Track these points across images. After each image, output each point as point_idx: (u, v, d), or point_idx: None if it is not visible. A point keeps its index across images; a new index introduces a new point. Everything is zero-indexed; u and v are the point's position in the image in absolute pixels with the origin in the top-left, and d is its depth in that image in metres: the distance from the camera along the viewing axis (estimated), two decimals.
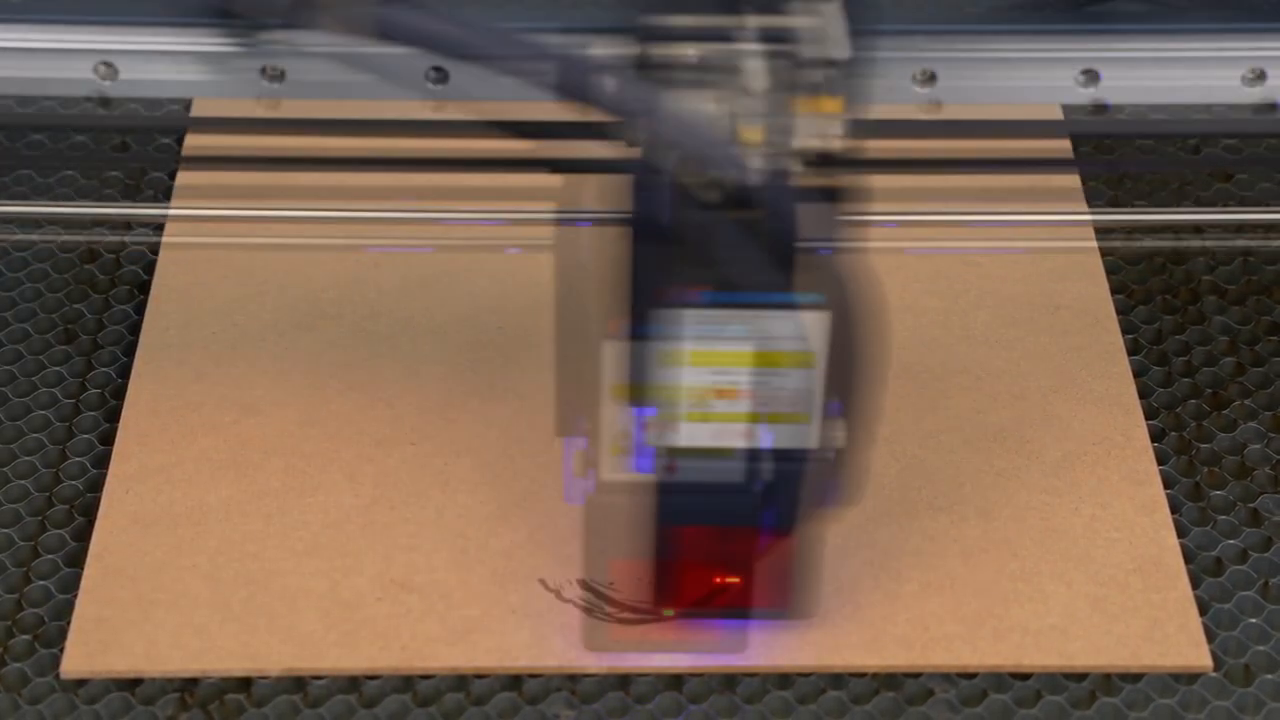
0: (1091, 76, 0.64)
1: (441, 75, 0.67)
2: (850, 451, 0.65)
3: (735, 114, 0.59)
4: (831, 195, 0.59)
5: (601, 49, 0.60)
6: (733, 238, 0.59)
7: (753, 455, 0.65)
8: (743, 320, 0.61)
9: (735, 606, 0.70)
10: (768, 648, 0.71)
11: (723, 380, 0.63)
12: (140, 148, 0.92)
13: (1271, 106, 0.72)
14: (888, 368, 0.62)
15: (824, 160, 0.58)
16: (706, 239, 0.59)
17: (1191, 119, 0.87)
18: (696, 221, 0.59)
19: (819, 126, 0.58)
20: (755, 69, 0.60)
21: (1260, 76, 0.64)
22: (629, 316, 0.62)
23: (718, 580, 0.69)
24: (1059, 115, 0.89)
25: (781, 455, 0.65)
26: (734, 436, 0.64)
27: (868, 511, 0.75)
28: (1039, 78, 0.64)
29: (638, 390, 0.63)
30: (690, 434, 0.64)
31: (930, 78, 0.64)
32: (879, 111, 0.65)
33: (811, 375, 0.63)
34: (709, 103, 0.59)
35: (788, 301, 0.61)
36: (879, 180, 0.62)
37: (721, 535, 0.67)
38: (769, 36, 0.61)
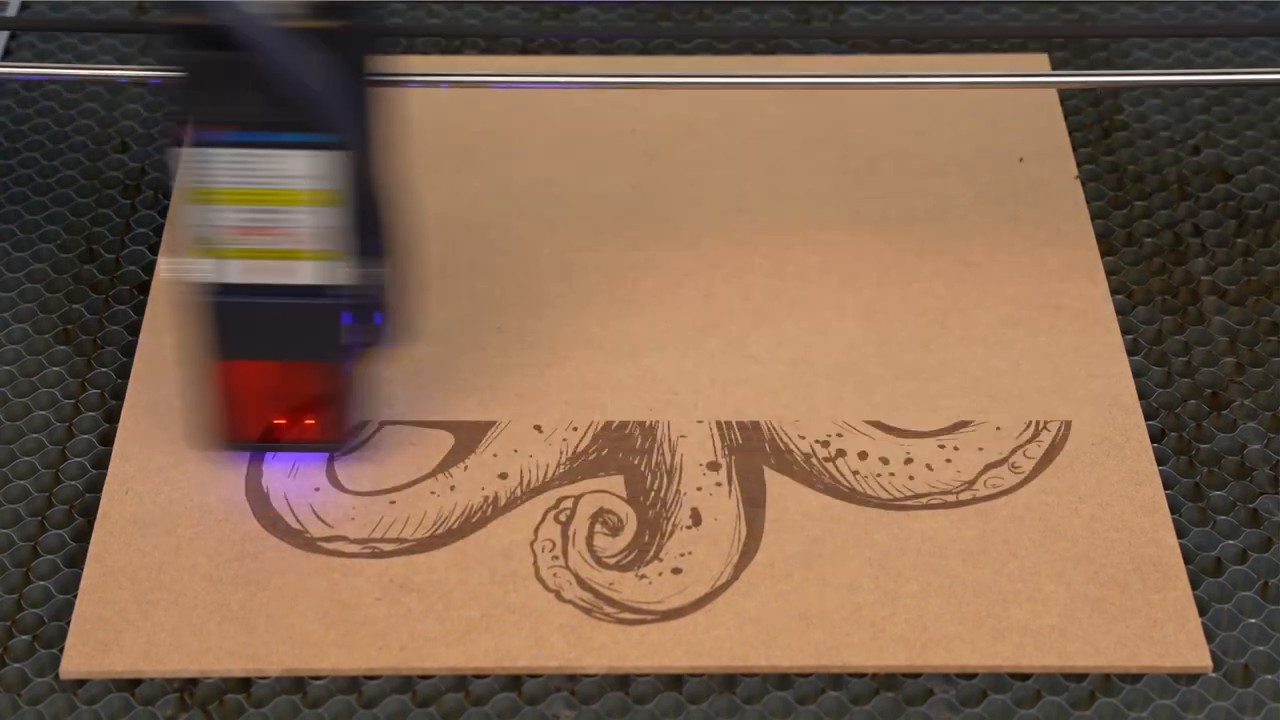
0: None
1: None
2: (393, 290, 0.71)
3: None
4: (336, 37, 0.65)
5: None
6: (247, 78, 0.65)
7: (293, 291, 0.71)
8: (266, 159, 0.67)
9: (293, 440, 0.75)
10: (767, 648, 0.71)
11: (254, 218, 0.69)
12: (140, 148, 0.92)
13: None
14: (414, 211, 0.69)
15: (330, 5, 0.65)
16: (222, 79, 0.65)
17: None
18: (209, 61, 0.65)
19: None
20: None
21: None
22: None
23: (277, 416, 0.74)
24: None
25: (319, 292, 0.71)
26: (271, 273, 0.70)
27: (868, 512, 0.75)
28: None
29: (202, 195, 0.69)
30: (228, 270, 0.70)
31: None
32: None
33: (338, 213, 0.69)
34: None
35: (307, 141, 0.67)
36: None
37: (279, 370, 0.73)
38: None
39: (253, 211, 0.69)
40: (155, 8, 1.00)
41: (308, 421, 0.75)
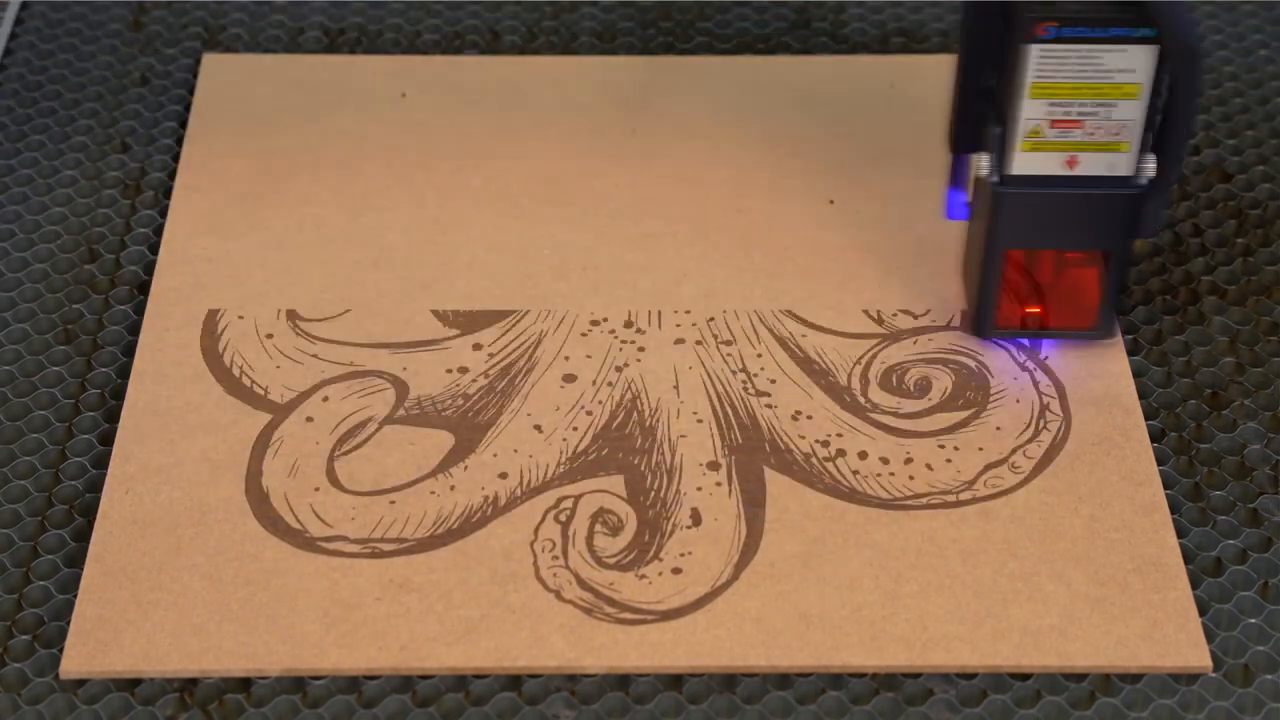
0: None
1: None
2: (1159, 184, 0.76)
3: None
4: None
5: None
6: None
7: (1079, 181, 0.76)
8: (1086, 54, 0.73)
9: (1059, 327, 0.81)
10: (767, 648, 0.71)
11: (1058, 111, 0.74)
12: (140, 148, 0.92)
13: None
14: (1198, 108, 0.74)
15: None
16: None
17: None
18: None
19: None
20: None
21: None
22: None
23: (1041, 305, 0.80)
24: None
25: (1101, 182, 0.76)
26: (1058, 165, 0.76)
27: (868, 511, 0.75)
28: None
29: (1050, 90, 0.74)
30: (1023, 163, 0.76)
31: None
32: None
33: (1137, 106, 0.74)
34: None
35: (1128, 35, 0.72)
36: None
37: (1054, 259, 0.79)
38: None
39: (1063, 105, 0.74)
40: (156, 8, 1.00)
41: (1068, 310, 0.80)
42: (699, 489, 0.76)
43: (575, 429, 0.79)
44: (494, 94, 0.95)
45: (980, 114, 0.78)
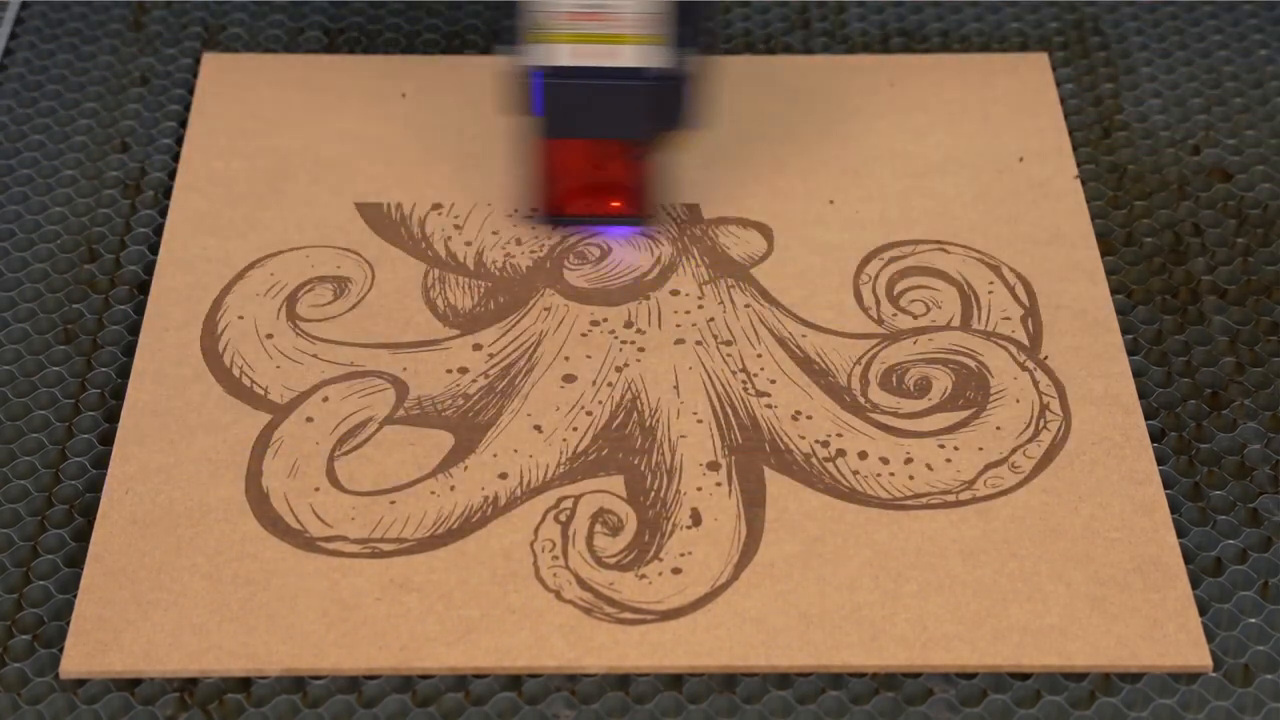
0: None
1: None
2: (685, 74, 0.78)
3: None
4: None
5: None
6: None
7: (614, 73, 0.79)
8: None
9: (604, 214, 0.85)
10: (767, 648, 0.71)
11: (583, 4, 0.76)
12: (140, 148, 0.92)
13: None
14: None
15: None
16: None
17: None
18: None
19: None
20: None
21: None
22: None
23: (593, 191, 0.84)
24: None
25: (637, 74, 0.79)
26: (596, 56, 0.78)
27: (868, 511, 0.75)
28: None
29: None
30: (557, 54, 0.78)
31: None
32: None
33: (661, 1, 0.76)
34: None
35: None
36: None
37: (597, 148, 0.82)
38: None
39: None
40: (156, 8, 1.00)
41: (615, 200, 0.84)
42: (699, 489, 0.76)
43: (575, 429, 0.79)
44: (494, 94, 0.95)
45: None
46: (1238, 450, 0.79)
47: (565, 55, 0.78)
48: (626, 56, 0.78)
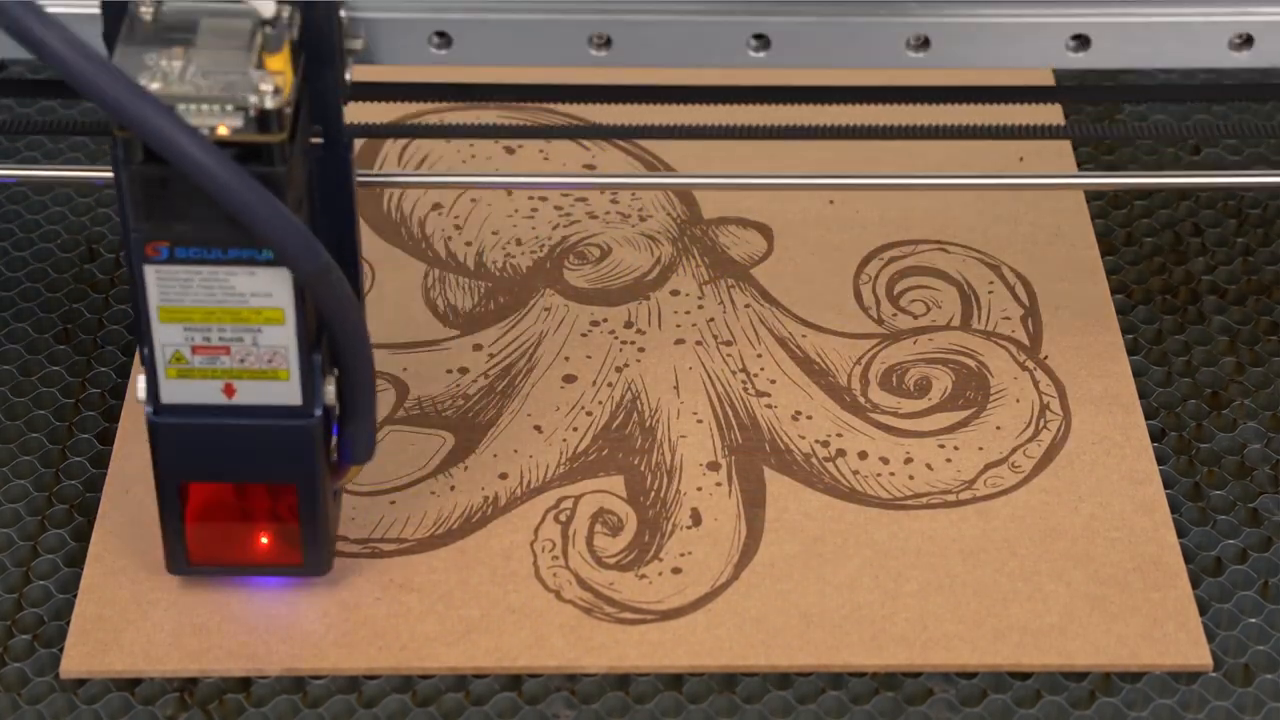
0: (1082, 42, 0.66)
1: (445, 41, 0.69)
2: (351, 411, 0.67)
3: (190, 70, 0.60)
4: (270, 154, 0.60)
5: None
6: (188, 192, 0.60)
7: (256, 411, 0.66)
8: (209, 276, 0.63)
9: (251, 564, 0.71)
10: (767, 648, 0.71)
11: (197, 337, 0.65)
12: None
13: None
14: (365, 333, 0.65)
15: (264, 118, 0.60)
16: (165, 193, 0.61)
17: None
18: (151, 176, 0.61)
19: (260, 83, 0.59)
20: (210, 26, 0.62)
21: (1247, 42, 0.66)
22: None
23: (244, 539, 0.70)
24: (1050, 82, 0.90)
25: (267, 411, 0.67)
26: (214, 393, 0.66)
27: (868, 511, 0.75)
28: (1029, 43, 0.66)
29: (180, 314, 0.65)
30: (172, 391, 0.66)
31: (924, 43, 0.65)
32: (869, 77, 0.69)
33: (285, 332, 0.64)
34: (169, 59, 0.60)
35: (252, 257, 0.63)
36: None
37: (236, 491, 0.69)
38: None
39: (202, 330, 0.65)
40: None
41: (276, 545, 0.70)
42: (699, 489, 0.76)
43: (575, 429, 0.79)
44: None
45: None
46: (1238, 450, 0.79)
47: (203, 392, 0.66)
48: (267, 393, 0.66)
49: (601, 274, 0.86)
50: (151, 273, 0.63)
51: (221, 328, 0.64)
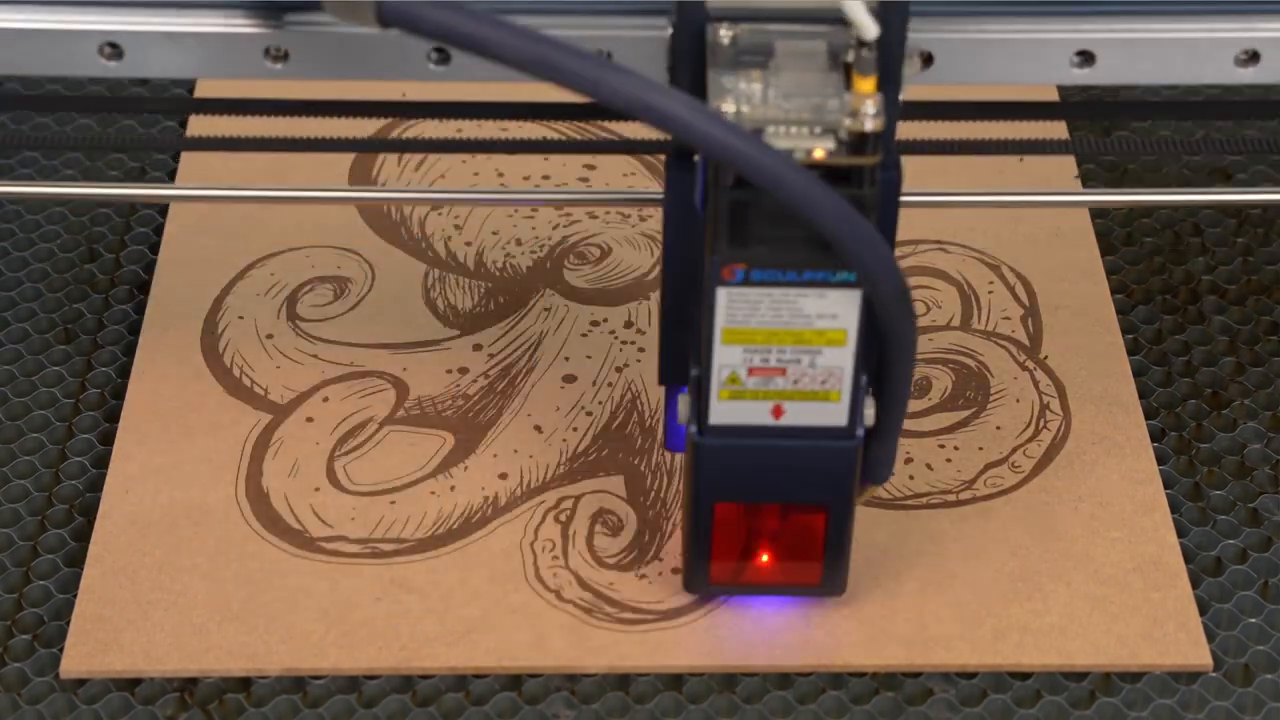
0: (1086, 58, 0.65)
1: (444, 57, 0.68)
2: (881, 431, 0.67)
3: (771, 93, 0.59)
4: (861, 176, 0.59)
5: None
6: (772, 216, 0.60)
7: (797, 432, 0.66)
8: (779, 298, 0.63)
9: (768, 584, 0.71)
10: (767, 648, 0.71)
11: (755, 358, 0.64)
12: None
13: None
14: (915, 350, 0.64)
15: (858, 141, 0.59)
16: (748, 217, 0.60)
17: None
18: (739, 200, 0.60)
19: (855, 106, 0.59)
20: (787, 49, 0.61)
21: (1253, 58, 0.65)
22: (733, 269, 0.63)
23: (763, 559, 0.70)
24: (1055, 96, 0.90)
25: (812, 433, 0.66)
26: (762, 415, 0.66)
27: (868, 511, 0.75)
28: (1034, 59, 0.65)
29: (743, 335, 0.64)
30: (722, 413, 0.66)
31: (928, 60, 0.65)
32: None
33: (844, 354, 0.64)
34: (747, 82, 0.60)
35: (825, 279, 0.62)
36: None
37: (748, 512, 0.69)
38: (799, 17, 0.62)
39: (761, 351, 0.64)
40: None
41: (791, 566, 0.70)
42: None
43: (575, 429, 0.79)
44: (494, 94, 0.94)
45: (689, 348, 0.68)
46: (1238, 450, 0.79)
47: (751, 413, 0.66)
48: (814, 414, 0.66)
49: (601, 274, 0.86)
50: (724, 294, 0.63)
51: (782, 349, 0.64)
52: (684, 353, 0.68)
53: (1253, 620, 0.73)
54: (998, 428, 0.79)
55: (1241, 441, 0.79)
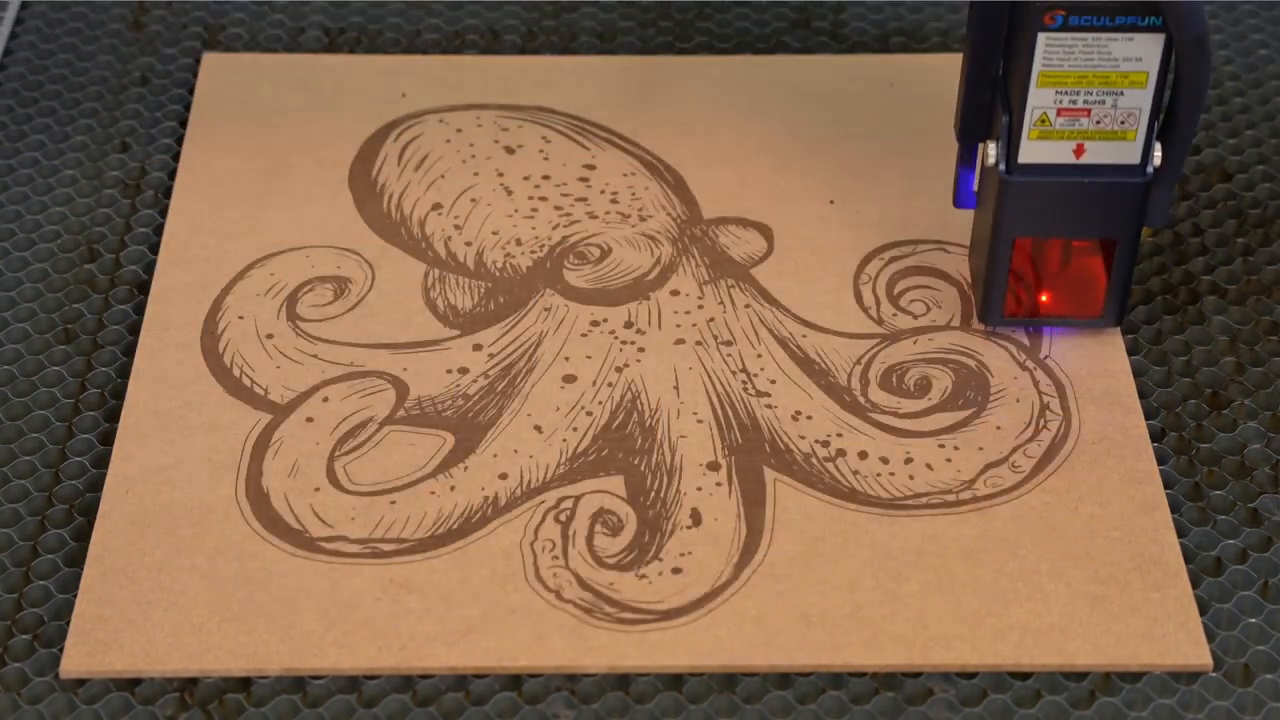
0: None
1: None
2: (1165, 173, 0.76)
3: None
4: None
5: None
6: None
7: (1090, 170, 0.76)
8: (1092, 43, 0.73)
9: (1054, 315, 0.81)
10: (767, 648, 0.71)
11: (1065, 100, 0.74)
12: (140, 148, 0.92)
13: None
14: (1205, 98, 0.73)
15: None
16: None
17: None
18: None
19: None
20: None
21: None
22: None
23: (1051, 292, 0.80)
24: None
25: (1108, 170, 0.76)
26: (1065, 153, 0.75)
27: (868, 511, 0.75)
28: None
29: (1059, 78, 0.74)
30: (1030, 151, 0.76)
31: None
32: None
33: (1144, 95, 0.74)
34: None
35: (1134, 24, 0.72)
36: None
37: (1044, 253, 0.79)
38: None
39: (1070, 93, 0.74)
40: (156, 8, 1.00)
41: (1075, 299, 0.80)
42: (699, 489, 0.76)
43: (575, 429, 0.79)
44: (494, 94, 0.95)
45: (989, 102, 0.78)
46: (1238, 450, 0.79)
47: (1055, 152, 0.76)
48: (1111, 153, 0.76)
49: (601, 274, 0.86)
50: (1043, 39, 0.73)
51: (1089, 91, 0.74)
52: (982, 107, 0.77)
53: (1253, 620, 0.73)
54: (998, 428, 0.79)
55: (1241, 441, 0.79)
